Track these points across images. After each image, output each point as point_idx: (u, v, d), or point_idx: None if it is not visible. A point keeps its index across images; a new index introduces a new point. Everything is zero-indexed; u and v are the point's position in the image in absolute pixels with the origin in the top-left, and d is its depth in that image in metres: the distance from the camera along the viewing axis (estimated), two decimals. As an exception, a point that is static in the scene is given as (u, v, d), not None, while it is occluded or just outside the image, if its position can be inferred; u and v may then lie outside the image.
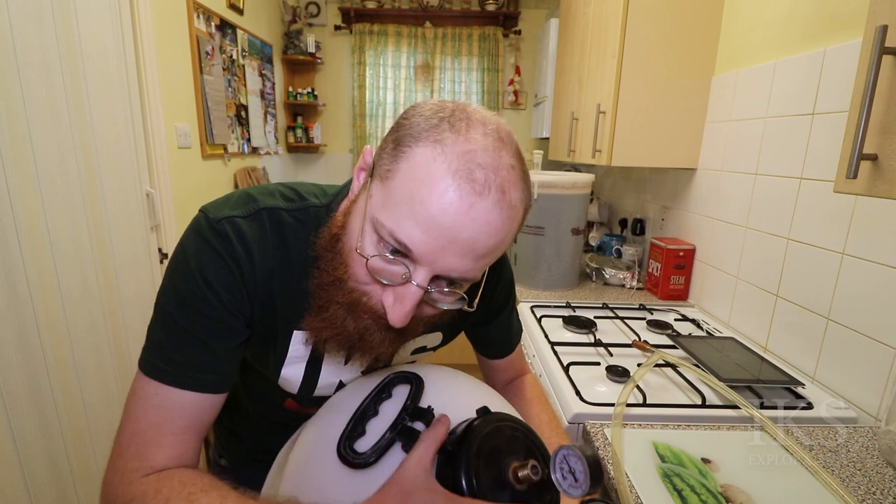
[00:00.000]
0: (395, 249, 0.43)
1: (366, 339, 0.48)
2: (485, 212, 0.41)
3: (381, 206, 0.43)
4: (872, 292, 0.86)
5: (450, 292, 0.46)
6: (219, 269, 0.48)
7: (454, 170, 0.40)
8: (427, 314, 0.48)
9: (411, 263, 0.43)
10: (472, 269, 0.44)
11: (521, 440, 0.45)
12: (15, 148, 1.03)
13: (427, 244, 0.41)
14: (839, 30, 0.96)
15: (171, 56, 1.62)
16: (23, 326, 1.06)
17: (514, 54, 2.96)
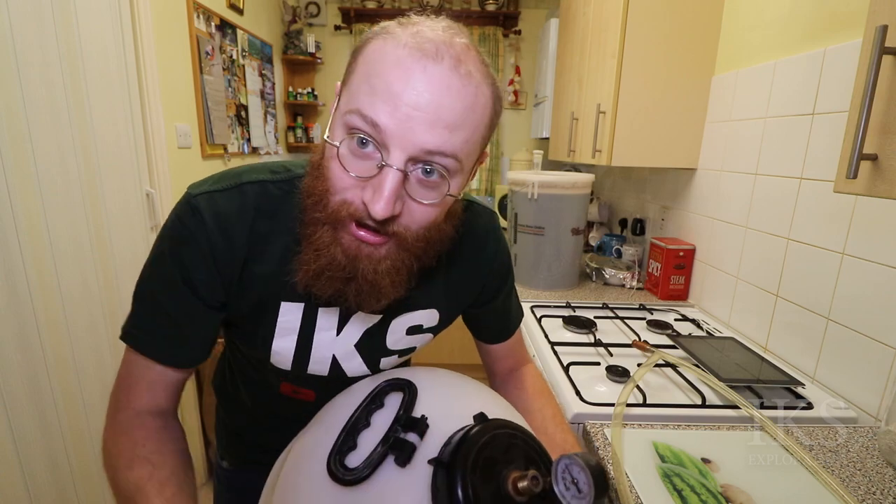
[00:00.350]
0: (363, 139, 0.42)
1: (357, 268, 0.46)
2: (440, 74, 0.41)
3: (345, 102, 0.44)
4: (872, 292, 0.86)
5: (432, 182, 0.45)
6: (188, 248, 0.49)
7: (404, 44, 0.42)
8: (417, 218, 0.46)
9: (383, 149, 0.42)
10: (447, 142, 0.42)
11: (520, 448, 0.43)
12: (15, 148, 1.03)
13: (390, 114, 0.41)
14: (839, 30, 0.96)
15: (171, 56, 1.62)
16: (23, 326, 1.06)
17: (514, 54, 2.96)
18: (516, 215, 1.59)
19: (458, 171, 0.46)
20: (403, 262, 0.48)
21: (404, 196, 0.44)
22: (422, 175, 0.44)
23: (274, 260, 0.52)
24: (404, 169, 0.43)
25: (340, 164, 0.44)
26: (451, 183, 0.46)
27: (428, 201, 0.45)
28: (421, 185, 0.45)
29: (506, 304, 0.72)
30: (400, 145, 0.42)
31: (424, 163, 0.44)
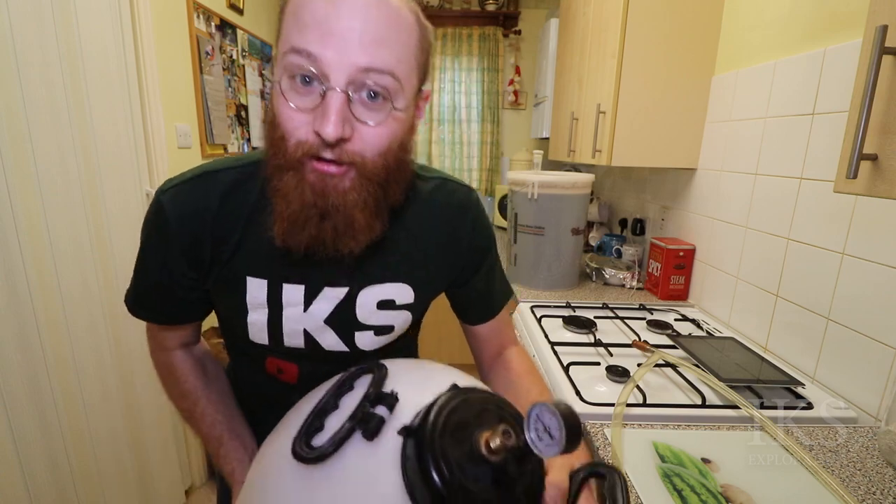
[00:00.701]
0: (304, 77, 0.45)
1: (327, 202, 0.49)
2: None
3: (281, 48, 0.48)
4: (872, 292, 0.86)
5: (376, 105, 0.47)
6: (157, 241, 0.57)
7: None
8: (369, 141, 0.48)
9: (323, 77, 0.45)
10: (379, 57, 0.45)
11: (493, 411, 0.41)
12: (15, 148, 1.03)
13: (320, 40, 0.44)
14: (839, 30, 0.96)
15: (171, 56, 1.62)
16: (23, 326, 1.06)
17: (514, 54, 2.96)
18: (516, 215, 1.59)
19: (399, 90, 0.48)
20: (370, 192, 0.50)
21: (352, 120, 0.47)
22: (366, 98, 0.47)
23: (238, 237, 0.56)
24: (346, 90, 0.45)
25: (288, 105, 0.47)
26: (395, 103, 0.48)
27: (375, 121, 0.48)
28: (366, 107, 0.47)
29: (488, 281, 0.72)
30: (336, 68, 0.44)
31: (364, 85, 0.46)
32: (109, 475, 1.32)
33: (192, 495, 1.75)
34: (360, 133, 0.48)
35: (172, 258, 0.56)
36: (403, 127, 0.51)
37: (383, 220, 0.54)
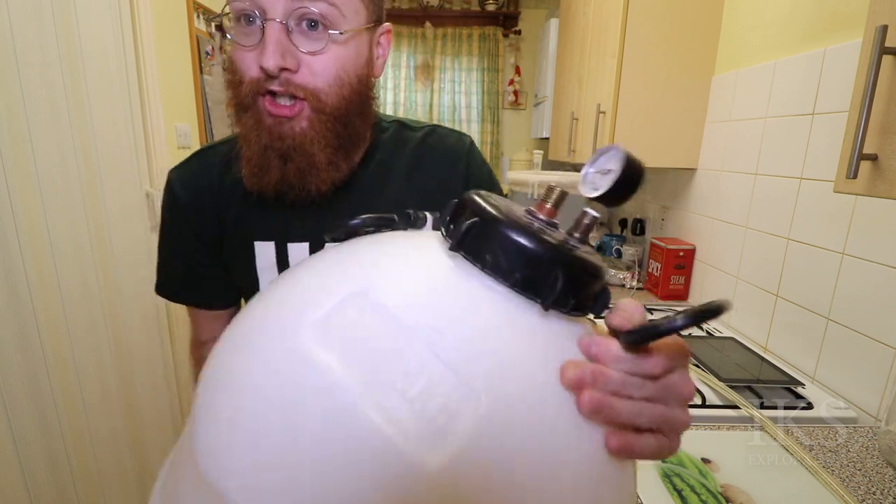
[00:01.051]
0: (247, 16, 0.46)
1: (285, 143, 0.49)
2: None
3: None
4: (872, 292, 0.86)
5: (316, 34, 0.47)
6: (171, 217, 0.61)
7: None
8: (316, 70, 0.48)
9: (261, 12, 0.46)
10: None
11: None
12: (15, 148, 1.03)
13: None
14: (839, 30, 0.96)
15: (171, 56, 1.62)
16: (23, 326, 1.06)
17: (514, 54, 2.96)
18: (516, 215, 1.59)
19: (338, 16, 0.48)
20: (328, 128, 0.50)
21: (294, 51, 0.47)
22: (305, 28, 0.47)
23: (234, 206, 0.58)
24: (283, 21, 0.46)
25: (239, 46, 0.48)
26: (335, 29, 0.48)
27: (315, 48, 0.48)
28: (306, 37, 0.47)
29: None
30: (271, 1, 0.45)
31: (301, 14, 0.46)
32: (109, 475, 1.32)
33: (192, 495, 1.75)
34: (306, 64, 0.48)
35: (187, 231, 0.59)
36: (354, 57, 0.51)
37: (349, 159, 0.55)
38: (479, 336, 0.24)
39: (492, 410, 0.22)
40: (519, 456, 0.22)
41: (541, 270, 0.25)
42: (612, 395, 0.24)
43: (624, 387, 0.25)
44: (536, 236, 0.26)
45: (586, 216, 0.30)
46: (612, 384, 0.24)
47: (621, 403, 0.24)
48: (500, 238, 0.26)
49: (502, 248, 0.26)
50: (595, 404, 0.23)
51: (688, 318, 0.24)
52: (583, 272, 0.26)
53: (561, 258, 0.25)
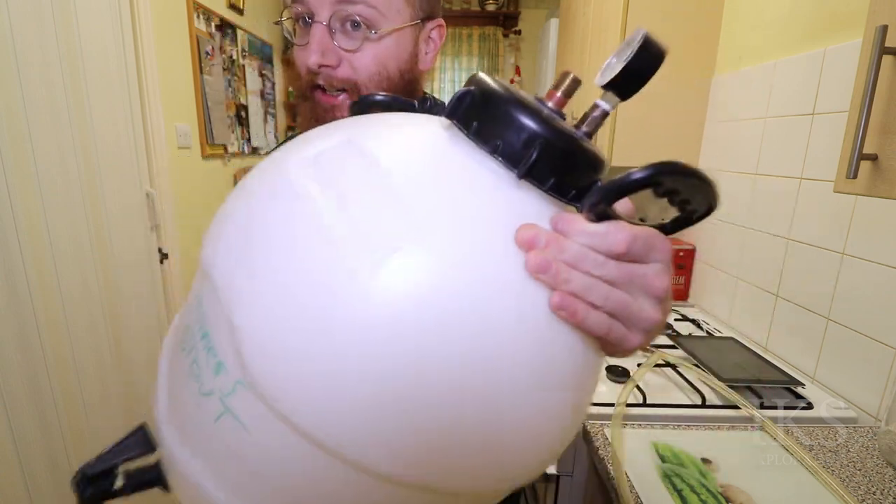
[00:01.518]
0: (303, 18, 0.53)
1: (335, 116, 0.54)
2: None
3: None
4: (872, 292, 0.86)
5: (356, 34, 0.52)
6: None
7: None
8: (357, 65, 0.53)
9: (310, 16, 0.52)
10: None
11: None
12: (15, 148, 1.03)
13: None
14: (839, 30, 0.96)
15: (171, 56, 1.62)
16: (23, 326, 1.06)
17: (514, 54, 2.96)
18: (516, 215, 1.59)
19: (377, 17, 0.52)
20: None
21: (335, 49, 0.52)
22: (349, 28, 0.52)
23: None
24: (327, 23, 0.51)
25: (296, 45, 0.55)
26: (374, 30, 0.53)
27: (352, 46, 0.53)
28: (346, 36, 0.53)
29: None
30: (319, 6, 0.51)
31: (344, 16, 0.51)
32: (109, 475, 1.32)
33: (192, 495, 1.76)
34: (346, 60, 0.53)
35: None
36: (395, 54, 0.54)
37: None
38: (442, 187, 0.25)
39: (434, 255, 0.23)
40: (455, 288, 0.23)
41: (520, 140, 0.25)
42: (567, 265, 0.23)
43: (580, 259, 0.24)
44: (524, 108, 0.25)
45: (597, 108, 0.29)
46: (566, 253, 0.24)
47: (571, 272, 0.23)
48: (489, 107, 0.26)
49: (488, 116, 0.26)
50: (540, 263, 0.23)
51: (648, 169, 0.23)
52: (566, 151, 0.25)
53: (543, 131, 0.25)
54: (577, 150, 0.26)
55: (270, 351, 0.23)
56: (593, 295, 0.24)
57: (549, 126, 0.25)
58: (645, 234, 0.25)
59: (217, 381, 0.26)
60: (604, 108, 0.29)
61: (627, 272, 0.25)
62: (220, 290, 0.25)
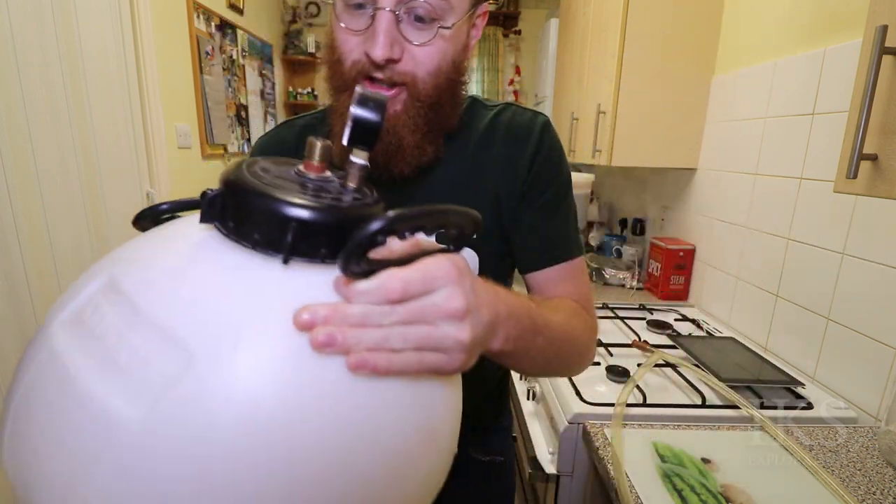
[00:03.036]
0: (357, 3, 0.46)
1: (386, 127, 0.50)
2: None
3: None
4: (872, 292, 0.86)
5: (424, 25, 0.47)
6: None
7: None
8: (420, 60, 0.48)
9: (373, 3, 0.46)
10: None
11: None
12: (15, 148, 1.03)
13: None
14: (839, 30, 0.96)
15: (171, 56, 1.62)
16: (23, 327, 1.06)
17: (514, 54, 2.96)
18: (516, 215, 1.59)
19: (447, 9, 0.47)
20: (420, 114, 0.50)
21: (402, 41, 0.47)
22: (414, 19, 0.47)
23: None
24: (394, 10, 0.45)
25: (342, 27, 0.48)
26: (443, 22, 0.48)
27: (423, 40, 0.47)
28: (414, 28, 0.47)
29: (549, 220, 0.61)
30: None
31: (412, 7, 0.46)
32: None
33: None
34: (410, 53, 0.48)
35: None
36: (454, 46, 0.50)
37: (436, 143, 0.54)
38: (209, 300, 0.25)
39: (210, 375, 0.23)
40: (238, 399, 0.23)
41: (273, 228, 0.25)
42: (354, 327, 0.25)
43: (367, 317, 0.25)
44: (270, 199, 0.25)
45: (353, 165, 0.30)
46: (351, 318, 0.25)
47: (361, 332, 0.25)
48: (239, 205, 0.26)
49: (240, 214, 0.26)
50: (325, 338, 0.23)
51: (379, 221, 0.25)
52: (321, 223, 0.26)
53: (291, 214, 0.25)
54: (333, 218, 0.26)
55: None
56: (392, 341, 0.25)
57: (296, 207, 0.25)
58: (419, 272, 0.26)
59: None
60: (359, 163, 0.30)
61: (417, 309, 0.26)
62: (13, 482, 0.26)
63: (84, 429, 0.23)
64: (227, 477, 0.22)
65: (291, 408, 0.23)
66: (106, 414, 0.23)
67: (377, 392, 0.25)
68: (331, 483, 0.24)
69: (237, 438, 0.22)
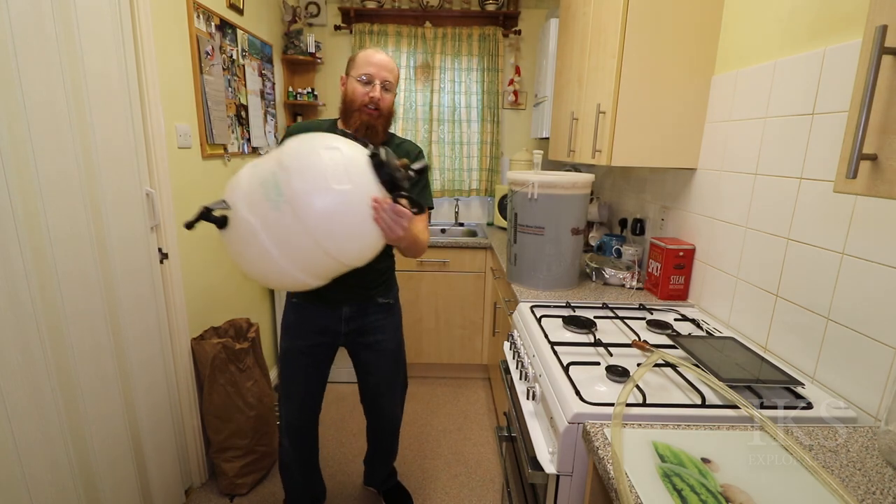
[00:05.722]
0: (365, 80, 1.27)
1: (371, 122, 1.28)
2: (382, 53, 1.30)
3: (353, 73, 1.30)
4: (872, 292, 0.86)
5: (387, 92, 1.30)
6: None
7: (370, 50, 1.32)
8: (385, 105, 1.30)
9: (370, 82, 1.27)
10: (390, 77, 1.29)
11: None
12: (15, 148, 1.03)
13: (373, 66, 1.27)
14: (839, 30, 0.96)
15: (171, 56, 1.62)
16: (23, 327, 1.06)
17: (514, 54, 2.96)
18: (516, 215, 1.59)
19: (392, 88, 1.31)
20: (383, 121, 1.31)
21: (382, 93, 1.28)
22: (384, 88, 1.29)
23: None
24: (379, 84, 1.27)
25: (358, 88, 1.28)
26: (391, 91, 1.31)
27: (387, 96, 1.30)
28: (384, 90, 1.29)
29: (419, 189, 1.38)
30: (376, 76, 1.27)
31: (384, 83, 1.28)
32: (109, 475, 1.32)
33: (192, 495, 1.75)
34: (383, 100, 1.29)
35: None
36: (392, 101, 1.32)
37: (385, 135, 1.35)
38: (348, 184, 0.96)
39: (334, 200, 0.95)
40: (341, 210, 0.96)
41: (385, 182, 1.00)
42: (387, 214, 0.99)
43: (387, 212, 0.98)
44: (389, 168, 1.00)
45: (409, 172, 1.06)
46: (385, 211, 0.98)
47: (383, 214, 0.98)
48: (379, 164, 1.00)
49: (379, 169, 1.00)
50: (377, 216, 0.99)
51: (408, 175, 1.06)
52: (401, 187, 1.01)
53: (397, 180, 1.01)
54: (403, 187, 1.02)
55: (302, 198, 0.93)
56: (386, 219, 0.98)
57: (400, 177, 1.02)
58: (401, 211, 0.99)
59: (277, 198, 0.93)
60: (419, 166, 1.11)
61: (397, 215, 0.99)
62: (289, 172, 0.94)
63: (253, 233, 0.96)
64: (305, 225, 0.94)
65: (353, 207, 0.97)
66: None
67: (370, 223, 0.99)
68: (337, 236, 0.97)
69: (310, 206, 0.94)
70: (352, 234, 0.97)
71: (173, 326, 1.61)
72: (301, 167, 0.93)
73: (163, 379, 1.57)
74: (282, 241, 0.93)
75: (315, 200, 0.92)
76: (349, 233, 0.97)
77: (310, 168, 0.93)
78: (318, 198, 0.92)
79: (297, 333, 1.43)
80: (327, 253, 0.96)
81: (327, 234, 0.94)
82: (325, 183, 0.92)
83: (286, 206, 0.91)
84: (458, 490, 1.85)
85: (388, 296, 1.47)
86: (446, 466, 1.99)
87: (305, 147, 0.97)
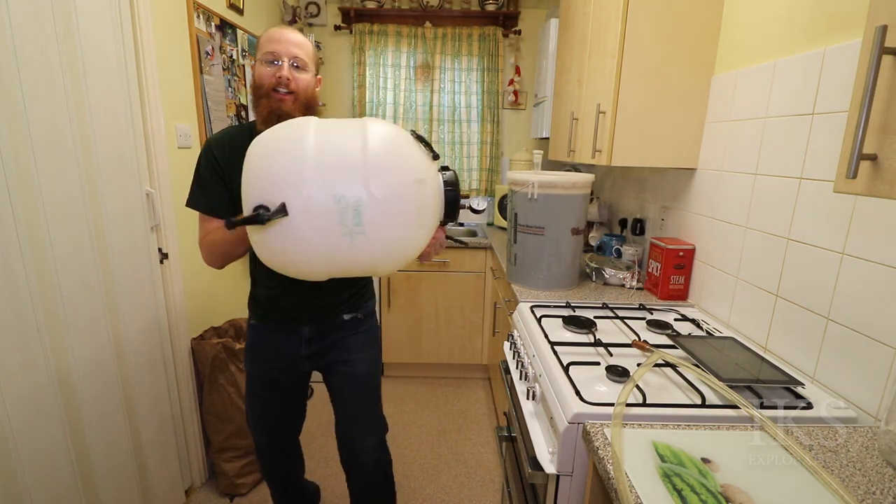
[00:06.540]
0: (273, 61, 1.08)
1: (282, 109, 1.07)
2: (290, 29, 1.10)
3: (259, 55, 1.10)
4: (872, 292, 0.86)
5: (301, 71, 1.11)
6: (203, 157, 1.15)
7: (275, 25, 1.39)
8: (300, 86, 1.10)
9: (276, 61, 1.08)
10: (300, 53, 1.10)
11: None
12: (15, 148, 1.03)
13: (277, 43, 1.08)
14: (839, 30, 0.96)
15: (171, 56, 1.62)
16: (23, 327, 1.06)
17: (514, 54, 2.96)
18: (516, 215, 1.59)
19: (307, 66, 1.12)
20: (299, 107, 1.10)
21: (292, 72, 1.09)
22: (294, 66, 1.10)
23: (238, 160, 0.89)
24: (288, 62, 1.08)
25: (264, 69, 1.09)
26: (305, 70, 1.11)
27: (301, 76, 1.10)
28: (295, 68, 1.10)
29: None
30: (284, 54, 1.08)
31: (293, 60, 1.09)
32: (109, 475, 1.32)
33: (192, 495, 1.75)
34: (295, 79, 1.09)
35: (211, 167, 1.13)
36: (311, 82, 1.14)
37: None
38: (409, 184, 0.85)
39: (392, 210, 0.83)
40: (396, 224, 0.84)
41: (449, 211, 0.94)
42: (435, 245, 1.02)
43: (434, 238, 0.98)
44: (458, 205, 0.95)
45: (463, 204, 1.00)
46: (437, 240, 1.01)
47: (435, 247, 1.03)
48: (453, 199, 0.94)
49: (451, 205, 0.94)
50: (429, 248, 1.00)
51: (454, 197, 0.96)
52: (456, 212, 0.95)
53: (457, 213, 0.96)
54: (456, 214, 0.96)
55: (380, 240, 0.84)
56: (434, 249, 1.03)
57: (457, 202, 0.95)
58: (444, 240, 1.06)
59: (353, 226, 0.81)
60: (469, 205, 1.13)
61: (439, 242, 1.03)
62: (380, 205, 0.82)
63: None
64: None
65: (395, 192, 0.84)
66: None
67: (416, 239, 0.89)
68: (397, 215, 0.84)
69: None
70: (402, 262, 0.91)
71: (173, 326, 1.61)
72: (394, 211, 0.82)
73: (163, 379, 1.57)
74: (333, 257, 0.84)
75: (394, 245, 0.85)
76: (400, 260, 0.91)
77: (401, 210, 0.83)
78: (397, 243, 0.85)
79: (254, 357, 1.28)
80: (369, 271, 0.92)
81: (381, 262, 0.88)
82: (409, 228, 0.85)
83: (360, 237, 0.81)
84: (458, 490, 1.85)
85: (355, 310, 1.28)
86: (446, 466, 1.99)
87: (399, 178, 0.83)
